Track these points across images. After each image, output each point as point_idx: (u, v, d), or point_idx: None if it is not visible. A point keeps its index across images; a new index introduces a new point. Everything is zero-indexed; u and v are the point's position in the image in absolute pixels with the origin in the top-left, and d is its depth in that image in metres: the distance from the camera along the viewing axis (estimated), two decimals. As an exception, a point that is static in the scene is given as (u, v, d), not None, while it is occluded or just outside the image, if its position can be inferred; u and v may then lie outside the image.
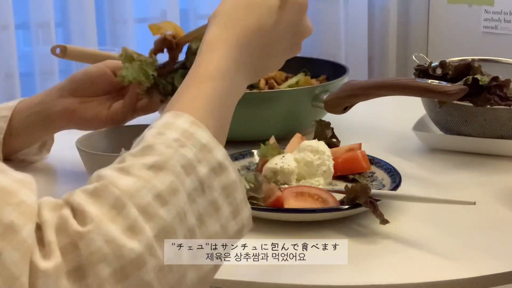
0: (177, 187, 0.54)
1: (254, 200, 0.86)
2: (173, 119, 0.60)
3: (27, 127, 1.02)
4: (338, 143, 1.05)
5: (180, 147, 0.56)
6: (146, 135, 0.58)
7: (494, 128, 1.09)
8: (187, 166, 0.55)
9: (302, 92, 1.17)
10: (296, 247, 0.83)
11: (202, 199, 0.56)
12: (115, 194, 0.51)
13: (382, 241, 0.84)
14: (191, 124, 0.59)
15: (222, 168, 0.58)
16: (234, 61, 0.68)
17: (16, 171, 0.53)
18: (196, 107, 0.63)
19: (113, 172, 0.54)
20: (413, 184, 0.98)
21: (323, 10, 2.67)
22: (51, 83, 2.19)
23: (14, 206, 0.48)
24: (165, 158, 0.55)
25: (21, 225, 0.48)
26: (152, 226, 0.51)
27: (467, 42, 2.67)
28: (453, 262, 0.79)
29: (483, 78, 1.06)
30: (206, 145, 0.58)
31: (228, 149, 1.07)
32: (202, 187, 0.56)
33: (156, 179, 0.53)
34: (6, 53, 2.18)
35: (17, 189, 0.50)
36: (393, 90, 1.04)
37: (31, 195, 0.51)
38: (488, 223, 0.90)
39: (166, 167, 0.54)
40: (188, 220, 0.54)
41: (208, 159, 0.58)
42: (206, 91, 0.64)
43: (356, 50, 2.74)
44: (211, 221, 0.56)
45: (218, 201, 0.57)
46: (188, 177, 0.55)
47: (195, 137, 0.58)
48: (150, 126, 0.60)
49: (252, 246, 0.84)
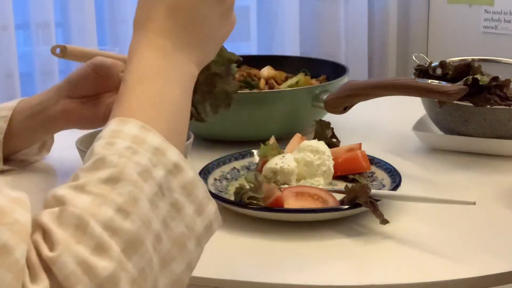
0: (137, 196, 0.53)
1: (254, 200, 0.86)
2: (121, 126, 0.58)
3: (27, 128, 1.02)
4: (338, 143, 1.05)
5: (133, 155, 0.55)
6: (95, 147, 0.57)
7: (494, 128, 1.09)
8: (143, 173, 0.54)
9: (302, 92, 1.17)
10: (296, 247, 0.83)
11: (163, 202, 0.55)
12: (76, 213, 0.50)
13: (382, 241, 0.84)
14: (140, 128, 0.58)
15: (178, 168, 0.57)
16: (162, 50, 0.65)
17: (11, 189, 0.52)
18: (141, 110, 0.61)
19: (68, 192, 0.52)
20: (413, 184, 0.98)
21: (323, 10, 2.67)
22: (51, 83, 2.18)
23: (8, 226, 0.48)
24: (119, 169, 0.54)
25: (15, 245, 0.47)
26: (118, 241, 0.50)
27: (467, 42, 2.67)
28: (453, 262, 0.79)
29: (483, 78, 1.06)
30: (159, 148, 0.57)
31: (228, 149, 1.08)
32: (162, 190, 0.55)
33: (114, 192, 0.52)
34: (6, 53, 2.18)
35: (11, 209, 0.49)
36: (393, 90, 1.05)
37: (25, 215, 0.50)
38: (488, 223, 0.90)
39: (122, 178, 0.53)
40: (154, 226, 0.53)
41: (163, 161, 0.56)
42: (146, 91, 0.63)
43: (356, 50, 2.74)
44: (175, 223, 0.55)
45: (179, 202, 0.56)
46: (146, 183, 0.54)
47: (147, 141, 0.57)
48: (98, 137, 0.58)
49: (252, 246, 0.84)
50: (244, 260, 0.83)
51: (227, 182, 0.98)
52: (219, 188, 0.96)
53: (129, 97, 0.62)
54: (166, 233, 0.54)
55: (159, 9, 0.67)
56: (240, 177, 1.00)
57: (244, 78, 1.27)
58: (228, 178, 0.99)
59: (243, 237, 0.85)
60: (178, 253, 0.55)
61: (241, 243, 0.85)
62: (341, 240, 0.84)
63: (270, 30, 2.63)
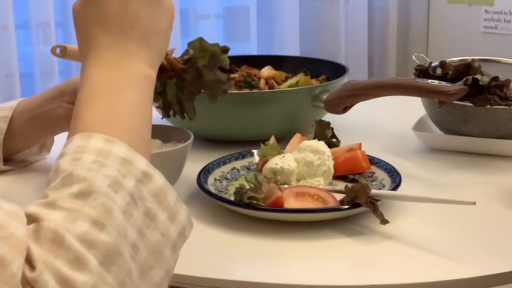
0: (111, 207, 0.52)
1: (254, 200, 0.86)
2: (85, 142, 0.57)
3: (28, 130, 1.02)
4: (338, 143, 1.05)
5: (101, 168, 0.54)
6: (61, 164, 0.56)
7: (494, 128, 1.09)
8: (113, 184, 0.54)
9: (302, 92, 1.17)
10: (296, 247, 0.83)
11: (137, 211, 0.54)
12: (51, 228, 0.50)
13: (382, 241, 0.84)
14: (105, 141, 0.57)
15: (147, 176, 0.57)
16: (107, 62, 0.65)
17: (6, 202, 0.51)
18: (100, 123, 0.60)
19: (39, 209, 0.52)
20: (413, 184, 0.98)
21: (323, 10, 2.67)
22: (51, 83, 2.18)
23: (4, 240, 0.47)
24: (89, 183, 0.53)
25: (11, 259, 0.47)
26: (96, 254, 0.49)
27: (467, 42, 2.67)
28: (453, 262, 0.79)
29: (483, 78, 1.06)
30: (126, 158, 0.56)
31: (228, 149, 1.08)
32: (134, 200, 0.54)
33: (86, 206, 0.52)
34: (6, 53, 2.18)
35: (7, 222, 0.49)
36: (393, 90, 1.04)
37: (20, 228, 0.49)
38: (488, 223, 0.90)
39: (93, 191, 0.52)
40: (130, 236, 0.52)
41: (132, 171, 0.56)
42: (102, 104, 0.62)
43: (356, 50, 2.74)
44: (150, 231, 0.55)
45: (152, 210, 0.55)
46: (118, 194, 0.53)
47: (113, 153, 0.56)
48: (60, 154, 0.58)
49: (252, 246, 0.84)
50: (244, 260, 0.83)
51: (227, 182, 0.98)
52: (219, 188, 0.96)
53: (85, 113, 0.61)
54: (142, 242, 0.54)
55: (92, 30, 0.67)
56: (240, 177, 1.00)
57: (244, 78, 1.27)
58: (228, 178, 0.99)
59: (243, 237, 0.85)
60: (155, 261, 0.54)
61: (241, 243, 0.85)
62: (341, 240, 0.84)
63: (270, 30, 2.63)
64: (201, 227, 0.88)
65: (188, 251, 0.82)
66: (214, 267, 0.79)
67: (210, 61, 0.89)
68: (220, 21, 2.56)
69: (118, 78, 0.64)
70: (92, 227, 0.50)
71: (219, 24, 2.55)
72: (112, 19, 0.67)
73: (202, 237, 0.87)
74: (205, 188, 0.92)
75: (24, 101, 1.04)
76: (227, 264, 0.82)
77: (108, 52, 0.66)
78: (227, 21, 2.60)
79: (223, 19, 2.58)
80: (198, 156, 1.06)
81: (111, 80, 0.64)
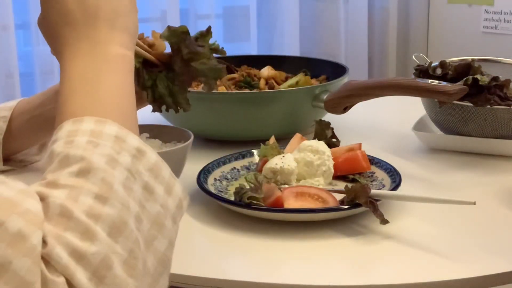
0: (111, 181, 0.53)
1: (254, 200, 0.86)
2: (76, 126, 0.58)
3: (27, 130, 1.02)
4: (338, 143, 1.05)
5: (95, 148, 0.56)
6: (54, 148, 0.57)
7: (494, 128, 1.09)
8: (110, 161, 0.55)
9: (302, 92, 1.17)
10: (296, 247, 0.83)
11: (136, 185, 0.56)
12: (57, 202, 0.51)
13: (382, 241, 0.84)
14: (96, 122, 0.58)
15: (141, 152, 0.58)
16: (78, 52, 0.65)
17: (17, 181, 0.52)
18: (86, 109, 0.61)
19: (42, 189, 0.53)
20: (413, 184, 0.98)
21: (323, 10, 2.67)
22: (51, 83, 2.17)
23: (21, 215, 0.48)
24: (87, 161, 0.54)
25: (30, 232, 0.48)
26: (103, 226, 0.51)
27: (467, 42, 2.67)
28: (453, 262, 0.79)
29: (483, 78, 1.06)
30: (118, 136, 0.58)
31: (228, 149, 1.08)
32: (132, 174, 0.56)
33: (87, 182, 0.53)
34: (6, 53, 2.18)
35: (21, 199, 0.50)
36: (393, 90, 1.05)
37: (35, 204, 0.50)
38: (488, 223, 0.90)
39: (91, 168, 0.54)
40: (132, 208, 0.54)
41: (125, 148, 0.57)
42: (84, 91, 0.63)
43: (356, 50, 2.74)
44: (150, 204, 0.56)
45: (149, 184, 0.57)
46: (115, 170, 0.55)
47: (105, 132, 0.57)
48: (53, 141, 0.59)
49: (252, 246, 0.84)
50: (244, 260, 0.83)
51: (227, 182, 0.98)
52: (219, 188, 0.96)
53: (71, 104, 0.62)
54: (144, 214, 0.55)
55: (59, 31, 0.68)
56: (240, 177, 1.00)
57: (244, 78, 1.27)
58: (228, 178, 0.99)
59: (243, 237, 0.85)
60: (158, 232, 0.56)
61: (241, 243, 0.85)
62: (341, 240, 0.84)
63: (270, 30, 2.63)
64: (201, 227, 0.88)
65: (188, 251, 0.82)
66: (214, 267, 0.79)
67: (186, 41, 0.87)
68: (220, 21, 2.56)
69: (95, 65, 0.65)
70: (95, 202, 0.52)
71: (219, 24, 2.55)
72: (73, 14, 0.68)
73: (202, 237, 0.87)
74: (205, 188, 0.92)
75: (23, 101, 1.04)
76: (227, 264, 0.82)
77: (79, 44, 0.66)
78: (227, 21, 2.60)
79: (223, 19, 2.58)
80: (198, 156, 1.06)
81: (89, 69, 0.65)
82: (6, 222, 0.47)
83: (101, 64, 0.65)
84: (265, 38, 2.64)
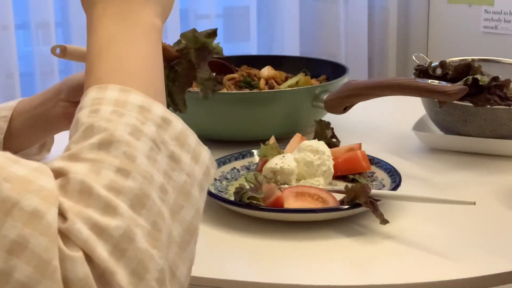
0: (133, 154, 0.53)
1: (254, 200, 0.86)
2: (100, 93, 0.58)
3: (27, 129, 1.02)
4: (338, 143, 1.05)
5: (120, 117, 0.55)
6: (80, 117, 0.57)
7: (494, 128, 1.09)
8: (134, 132, 0.55)
9: (302, 92, 1.17)
10: (296, 247, 0.83)
11: (161, 156, 0.55)
12: (78, 179, 0.51)
13: (382, 241, 0.84)
14: (120, 91, 0.58)
15: (166, 121, 0.57)
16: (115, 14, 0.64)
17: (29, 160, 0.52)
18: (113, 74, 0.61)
19: (64, 162, 0.53)
20: (413, 184, 0.98)
21: (323, 10, 2.67)
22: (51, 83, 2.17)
23: (35, 193, 0.48)
24: (109, 132, 0.54)
25: (45, 210, 0.48)
26: (125, 199, 0.51)
27: (467, 42, 2.67)
28: (453, 262, 0.79)
29: (483, 78, 1.06)
30: (143, 106, 0.57)
31: (228, 149, 1.08)
32: (156, 145, 0.55)
33: (109, 155, 0.53)
34: (6, 53, 2.18)
35: (35, 177, 0.50)
36: (393, 90, 1.05)
37: (49, 181, 0.50)
38: (488, 223, 0.90)
39: (114, 140, 0.53)
40: (156, 179, 0.54)
41: (150, 118, 0.57)
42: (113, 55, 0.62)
43: (356, 50, 2.74)
44: (176, 173, 0.56)
45: (175, 153, 0.57)
46: (139, 141, 0.55)
47: (130, 102, 0.57)
48: (79, 107, 0.59)
49: (252, 246, 0.84)
50: (244, 260, 0.83)
51: (227, 182, 0.98)
52: (219, 188, 0.96)
53: (98, 65, 0.62)
54: (169, 184, 0.55)
55: None
56: (240, 177, 1.00)
57: (244, 78, 1.27)
58: (228, 178, 0.99)
59: (243, 237, 0.85)
60: (184, 201, 0.56)
61: (241, 243, 0.85)
62: (341, 240, 0.84)
63: (270, 30, 2.63)
64: (201, 227, 0.88)
65: (188, 251, 0.82)
66: (214, 267, 0.79)
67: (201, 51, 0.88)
68: (220, 21, 2.56)
69: (125, 29, 0.64)
70: (117, 175, 0.52)
71: (219, 24, 2.55)
72: None
73: (202, 237, 0.86)
74: (205, 188, 0.92)
75: (23, 101, 1.04)
76: (227, 264, 0.82)
77: (112, 7, 0.65)
78: (227, 21, 2.60)
79: (223, 19, 2.58)
80: (198, 156, 1.06)
81: (119, 32, 0.64)
82: (21, 201, 0.47)
83: (132, 29, 0.64)
84: (265, 38, 2.64)
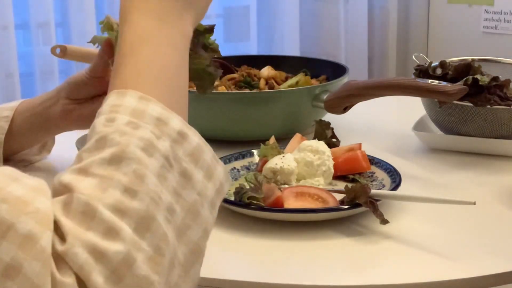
0: (143, 173, 0.52)
1: (254, 200, 0.86)
2: (119, 100, 0.57)
3: (28, 129, 1.02)
4: (338, 143, 1.05)
5: (135, 130, 0.54)
6: (96, 124, 0.56)
7: (494, 128, 1.09)
8: (148, 147, 0.54)
9: (302, 92, 1.17)
10: (296, 247, 0.83)
11: (172, 174, 0.54)
12: (82, 200, 0.50)
13: (382, 241, 0.84)
14: (139, 100, 0.57)
15: (182, 136, 0.56)
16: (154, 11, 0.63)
17: (30, 177, 0.52)
18: (137, 78, 0.59)
19: (73, 176, 0.52)
20: (413, 184, 0.98)
21: (323, 10, 2.67)
22: (51, 83, 2.18)
23: (31, 215, 0.48)
24: (121, 148, 0.53)
25: (39, 234, 0.47)
26: (129, 222, 0.50)
27: (467, 42, 2.67)
28: (453, 262, 0.79)
29: (483, 78, 1.06)
30: (160, 118, 0.56)
31: (228, 149, 1.08)
32: (169, 162, 0.54)
33: (118, 173, 0.51)
34: (6, 53, 2.17)
35: (32, 198, 0.49)
36: (393, 90, 1.05)
37: (46, 202, 0.49)
38: (488, 223, 0.90)
39: (125, 157, 0.52)
40: (164, 199, 0.52)
41: (167, 132, 0.55)
42: (142, 58, 0.61)
43: (356, 50, 2.74)
44: (186, 191, 0.55)
45: (188, 170, 0.55)
46: (152, 157, 0.53)
47: (147, 113, 0.56)
48: (98, 112, 0.58)
49: (252, 246, 0.84)
50: (244, 260, 0.83)
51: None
52: (219, 188, 0.95)
53: (125, 67, 0.61)
54: (178, 204, 0.54)
55: None
56: (240, 177, 1.00)
57: (244, 78, 1.27)
58: (228, 178, 0.99)
59: (243, 237, 0.85)
60: (192, 221, 0.55)
61: (241, 243, 0.85)
62: (341, 240, 0.84)
63: (270, 30, 2.63)
64: (201, 227, 0.88)
65: (188, 251, 0.82)
66: (214, 267, 0.79)
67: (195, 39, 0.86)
68: (220, 21, 2.56)
69: (162, 30, 0.63)
70: (124, 195, 0.51)
71: (219, 24, 2.54)
72: None
73: (202, 237, 0.87)
74: (205, 188, 0.92)
75: (25, 102, 1.04)
76: (227, 264, 0.82)
77: (154, 2, 0.64)
78: (227, 21, 2.59)
79: (223, 19, 2.58)
80: (198, 156, 1.06)
81: (155, 30, 0.63)
82: (16, 224, 0.47)
83: (168, 30, 0.63)
84: (265, 38, 2.63)
